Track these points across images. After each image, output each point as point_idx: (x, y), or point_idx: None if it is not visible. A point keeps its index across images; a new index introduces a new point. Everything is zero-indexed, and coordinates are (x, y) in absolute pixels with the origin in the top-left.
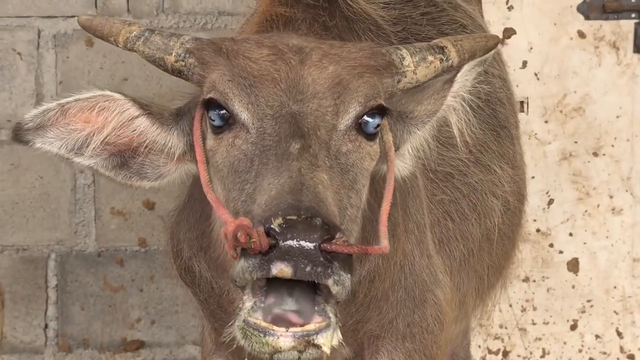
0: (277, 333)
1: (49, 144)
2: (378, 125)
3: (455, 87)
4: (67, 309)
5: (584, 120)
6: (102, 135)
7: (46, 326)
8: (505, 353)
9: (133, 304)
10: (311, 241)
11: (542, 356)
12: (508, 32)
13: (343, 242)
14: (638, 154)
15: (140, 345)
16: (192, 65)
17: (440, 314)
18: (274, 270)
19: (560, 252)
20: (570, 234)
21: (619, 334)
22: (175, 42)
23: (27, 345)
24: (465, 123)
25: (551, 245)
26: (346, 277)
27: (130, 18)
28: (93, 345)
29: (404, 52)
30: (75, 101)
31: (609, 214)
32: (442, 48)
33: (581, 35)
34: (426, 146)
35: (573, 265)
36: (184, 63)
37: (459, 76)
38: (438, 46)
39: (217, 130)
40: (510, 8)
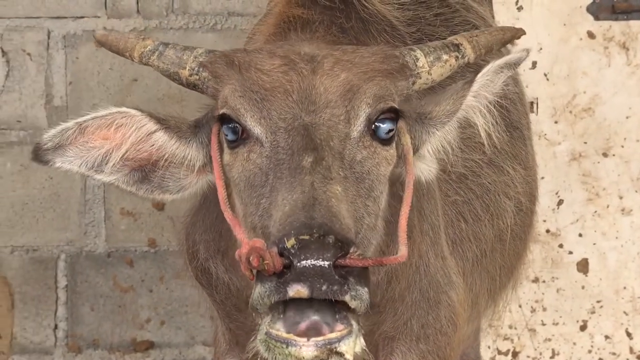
0: (299, 343)
1: (68, 163)
2: (391, 130)
3: (475, 86)
4: (76, 310)
5: (594, 121)
6: (121, 152)
7: (56, 327)
8: (515, 354)
9: (143, 304)
10: (325, 260)
11: (552, 357)
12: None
13: (358, 256)
14: None
15: (149, 345)
16: (206, 79)
17: (453, 316)
18: (291, 292)
19: (570, 252)
20: (580, 235)
21: (628, 334)
22: (188, 55)
23: (37, 346)
24: (492, 125)
25: (561, 245)
26: (363, 292)
27: (140, 19)
28: (103, 346)
29: (418, 52)
30: (93, 119)
31: (619, 215)
32: (457, 45)
33: (591, 35)
34: (448, 148)
35: (583, 266)
36: (197, 77)
37: (479, 76)
38: (453, 44)
39: (232, 144)
40: (519, 8)
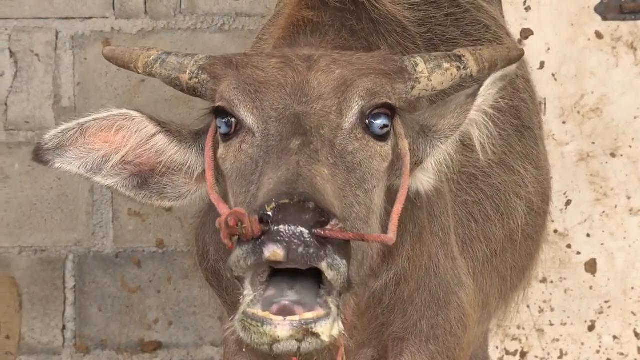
0: (274, 322)
1: (68, 164)
2: (386, 126)
3: (479, 101)
4: (84, 310)
5: (602, 121)
6: (121, 154)
7: (64, 327)
8: (523, 354)
9: (150, 305)
10: (303, 223)
11: (560, 357)
12: (525, 32)
13: (340, 229)
14: None
15: (157, 346)
16: (205, 81)
17: (463, 317)
18: (267, 252)
19: (578, 253)
20: (588, 235)
21: (636, 334)
22: (189, 60)
23: (45, 346)
24: (487, 138)
25: (569, 246)
26: (341, 263)
27: (148, 19)
28: (111, 346)
29: (418, 59)
30: (94, 121)
31: (627, 215)
32: (459, 57)
33: (599, 36)
34: (449, 160)
35: (591, 266)
36: (197, 80)
37: (482, 90)
38: (455, 55)
39: (226, 137)
40: (527, 9)
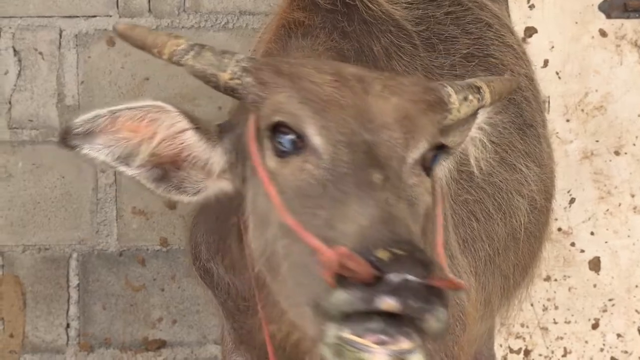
0: (372, 350)
1: (96, 151)
2: (434, 163)
3: (480, 119)
4: (88, 309)
5: (606, 119)
6: (151, 146)
7: (68, 326)
8: (527, 352)
9: (154, 303)
10: (418, 276)
11: (564, 355)
12: (529, 31)
13: (446, 278)
14: None
15: (161, 344)
16: (249, 85)
17: (462, 315)
18: (382, 304)
19: (582, 251)
20: (592, 233)
21: None
22: (229, 59)
23: (49, 345)
24: (481, 154)
25: (572, 244)
26: (445, 312)
27: (152, 18)
28: (115, 345)
29: (450, 89)
30: (127, 109)
31: (631, 213)
32: (478, 88)
33: (602, 34)
34: (449, 176)
35: (594, 264)
36: (240, 81)
37: (482, 110)
38: (476, 86)
39: (283, 154)
40: (531, 7)
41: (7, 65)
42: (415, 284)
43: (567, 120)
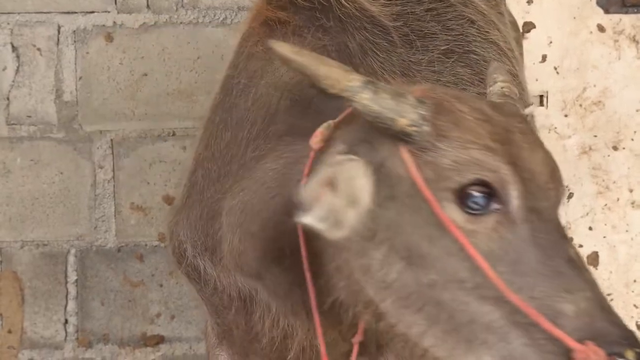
0: None
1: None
2: None
3: None
4: (87, 304)
5: (604, 114)
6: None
7: (66, 321)
8: None
9: (153, 299)
10: None
11: None
12: (528, 26)
13: None
14: None
15: (160, 340)
16: (426, 134)
17: None
18: None
19: (580, 245)
20: (590, 228)
21: (639, 327)
22: (406, 104)
23: (47, 341)
24: None
25: (571, 239)
26: None
27: (150, 14)
28: (113, 340)
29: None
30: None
31: (629, 208)
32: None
33: (601, 29)
34: None
35: (593, 259)
36: (417, 129)
37: None
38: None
39: (474, 210)
40: (529, 2)
41: (5, 61)
42: None
43: (565, 116)
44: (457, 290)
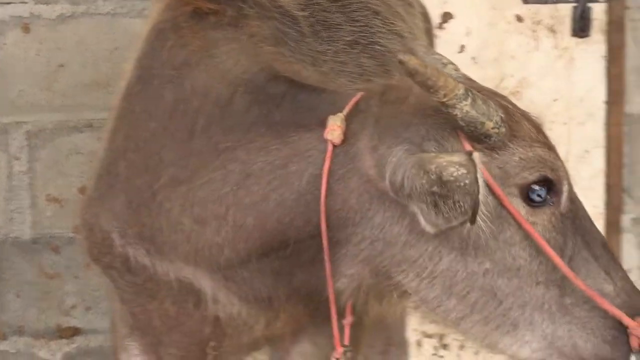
0: None
1: None
2: None
3: None
4: (2, 297)
5: (522, 104)
6: None
7: None
8: (442, 336)
9: (68, 290)
10: None
11: None
12: (446, 16)
13: None
14: (574, 137)
15: (75, 332)
16: (503, 134)
17: None
18: None
19: None
20: None
21: None
22: (493, 109)
23: None
24: None
25: None
26: None
27: (67, 5)
28: (28, 333)
29: None
30: None
31: None
32: None
33: (519, 19)
34: None
35: None
36: (497, 131)
37: None
38: None
39: (533, 203)
40: None
41: None
42: None
43: None
44: (512, 278)
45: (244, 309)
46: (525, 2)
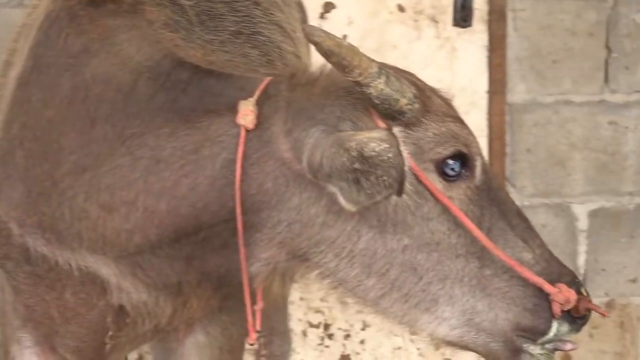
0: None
1: None
2: None
3: None
4: None
5: None
6: None
7: None
8: (327, 326)
9: None
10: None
11: (363, 328)
12: (328, 6)
13: None
14: None
15: None
16: (416, 110)
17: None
18: (579, 329)
19: None
20: None
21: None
22: (406, 85)
23: None
24: None
25: None
26: None
27: None
28: None
29: None
30: None
31: None
32: None
33: (400, 9)
34: None
35: None
36: (411, 107)
37: None
38: None
39: (449, 178)
40: None
41: None
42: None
43: None
44: (432, 252)
45: (151, 297)
46: None
